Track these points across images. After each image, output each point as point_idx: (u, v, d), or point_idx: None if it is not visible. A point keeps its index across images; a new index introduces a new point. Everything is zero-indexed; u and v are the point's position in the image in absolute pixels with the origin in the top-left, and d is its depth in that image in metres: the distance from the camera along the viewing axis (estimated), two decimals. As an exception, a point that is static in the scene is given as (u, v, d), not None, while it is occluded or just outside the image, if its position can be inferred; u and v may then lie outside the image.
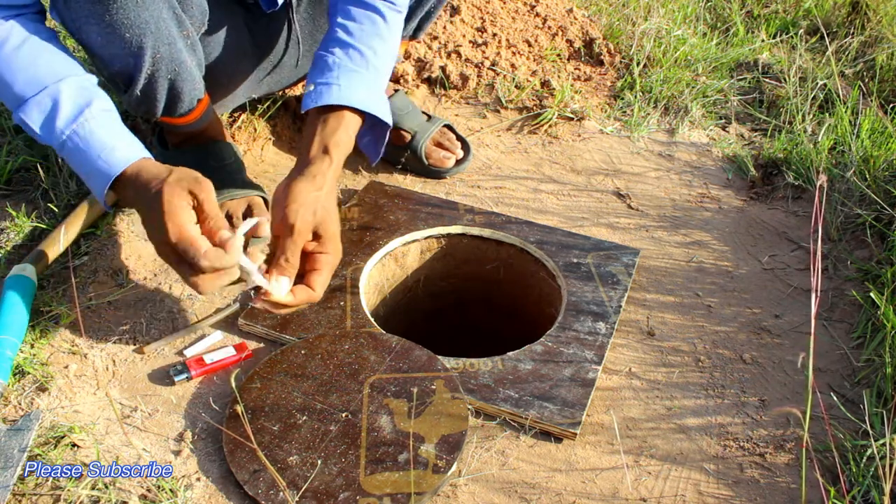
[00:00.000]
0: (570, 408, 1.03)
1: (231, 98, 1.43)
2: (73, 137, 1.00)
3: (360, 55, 1.15)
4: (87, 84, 1.04)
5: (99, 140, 0.99)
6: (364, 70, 1.15)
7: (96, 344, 1.10)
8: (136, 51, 1.07)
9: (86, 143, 0.99)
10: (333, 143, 1.08)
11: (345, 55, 1.15)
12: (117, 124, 1.03)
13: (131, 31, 1.04)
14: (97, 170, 0.99)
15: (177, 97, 1.18)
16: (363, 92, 1.13)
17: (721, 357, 1.16)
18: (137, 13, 1.03)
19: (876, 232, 1.36)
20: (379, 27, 1.18)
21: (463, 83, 1.79)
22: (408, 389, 1.03)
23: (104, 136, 1.00)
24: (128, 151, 1.00)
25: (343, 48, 1.16)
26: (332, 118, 1.11)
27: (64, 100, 1.00)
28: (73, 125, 0.99)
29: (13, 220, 1.30)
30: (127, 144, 1.01)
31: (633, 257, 1.31)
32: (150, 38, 1.06)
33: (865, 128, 1.54)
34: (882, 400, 1.07)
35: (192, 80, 1.18)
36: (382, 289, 1.38)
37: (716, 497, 0.96)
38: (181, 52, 1.12)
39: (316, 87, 1.13)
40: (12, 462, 0.89)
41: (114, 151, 0.99)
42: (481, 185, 1.52)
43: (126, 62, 1.09)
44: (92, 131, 0.99)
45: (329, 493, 0.90)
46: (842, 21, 2.21)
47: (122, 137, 1.02)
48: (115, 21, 1.03)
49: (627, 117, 1.74)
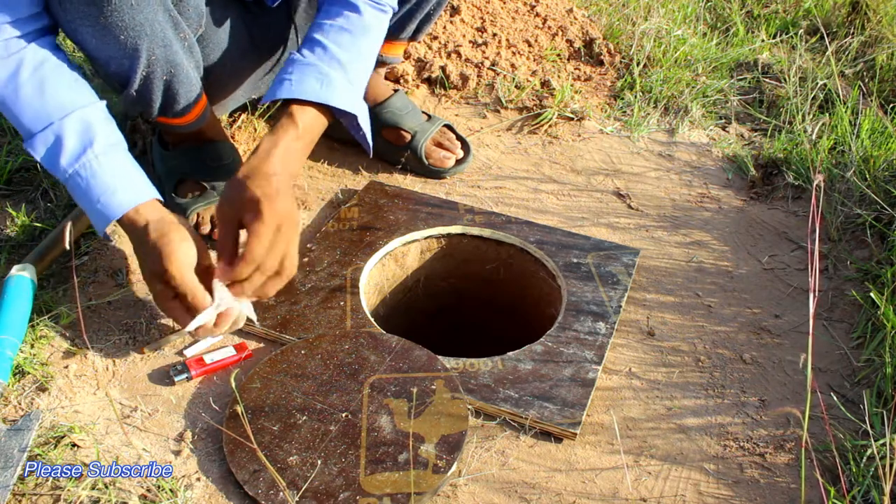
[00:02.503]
0: (570, 408, 1.03)
1: (231, 98, 1.43)
2: (75, 177, 1.03)
3: (325, 50, 1.17)
4: (92, 118, 1.05)
5: (100, 182, 1.02)
6: (323, 64, 1.15)
7: (96, 344, 1.10)
8: (131, 53, 1.07)
9: (87, 183, 1.03)
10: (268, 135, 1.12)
11: (309, 52, 1.17)
12: (119, 162, 1.05)
13: (126, 33, 1.04)
14: (97, 211, 1.03)
15: (173, 98, 1.18)
16: (314, 84, 1.13)
17: (721, 357, 1.16)
18: (132, 16, 1.03)
19: (876, 232, 1.36)
20: (351, 22, 1.19)
21: (463, 83, 1.79)
22: (408, 389, 1.03)
23: (105, 177, 1.03)
24: (125, 196, 1.03)
25: (310, 45, 1.18)
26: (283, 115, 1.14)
27: (67, 138, 1.02)
28: (76, 165, 1.02)
29: (13, 220, 1.30)
30: (126, 187, 1.04)
31: (633, 257, 1.31)
32: (146, 41, 1.06)
33: (865, 128, 1.54)
34: (882, 400, 1.07)
35: (189, 81, 1.18)
36: (382, 289, 1.38)
37: (716, 497, 0.96)
38: (177, 53, 1.12)
39: (273, 83, 1.16)
40: (12, 462, 0.89)
41: (114, 195, 1.03)
42: (481, 185, 1.52)
43: (121, 64, 1.09)
44: (94, 173, 1.02)
45: (329, 493, 0.90)
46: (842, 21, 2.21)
47: (124, 177, 1.05)
48: (109, 23, 1.02)
49: (627, 117, 1.74)
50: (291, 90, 1.13)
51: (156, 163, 1.41)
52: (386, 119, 1.54)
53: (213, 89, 1.32)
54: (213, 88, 1.32)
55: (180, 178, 1.35)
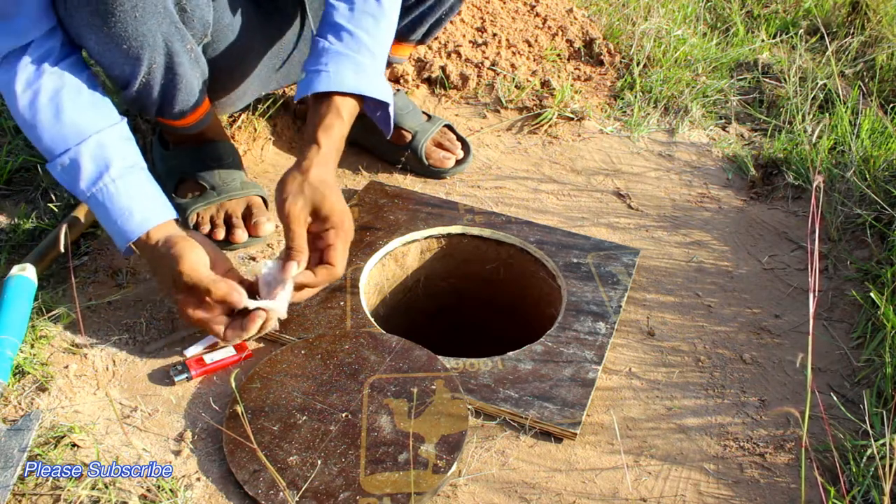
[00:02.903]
0: (570, 408, 1.03)
1: (241, 96, 1.42)
2: (93, 200, 1.06)
3: (352, 37, 1.16)
4: (109, 140, 1.07)
5: (116, 205, 1.05)
6: (355, 53, 1.15)
7: (96, 344, 1.10)
8: (132, 61, 1.08)
9: (104, 207, 1.06)
10: (322, 129, 1.12)
11: (336, 39, 1.16)
12: (136, 184, 1.08)
13: (129, 42, 1.05)
14: (116, 232, 1.07)
15: (170, 103, 1.19)
16: (352, 75, 1.14)
17: (721, 357, 1.16)
18: (135, 27, 1.04)
19: (876, 232, 1.36)
20: (371, 6, 1.18)
21: (463, 83, 1.79)
22: (408, 389, 1.03)
23: (122, 200, 1.06)
24: (140, 217, 1.06)
25: (335, 31, 1.17)
26: (323, 105, 1.14)
27: (84, 162, 1.05)
28: (94, 189, 1.05)
29: (13, 220, 1.30)
30: (141, 209, 1.06)
31: (633, 257, 1.31)
32: (147, 51, 1.08)
33: (865, 128, 1.54)
34: (882, 400, 1.07)
35: (189, 88, 1.18)
36: (382, 289, 1.38)
37: (716, 497, 0.96)
38: (180, 64, 1.13)
39: (307, 74, 1.15)
40: (12, 462, 0.89)
41: (130, 217, 1.05)
42: (481, 185, 1.52)
43: (122, 69, 1.10)
44: (110, 196, 1.05)
45: (329, 493, 0.90)
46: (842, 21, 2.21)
47: (140, 199, 1.07)
48: (113, 33, 1.04)
49: (627, 117, 1.74)
50: (331, 82, 1.13)
51: (156, 162, 1.41)
52: (386, 119, 1.54)
53: (224, 86, 1.32)
54: (223, 85, 1.32)
55: (180, 178, 1.35)
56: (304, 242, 1.07)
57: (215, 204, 1.32)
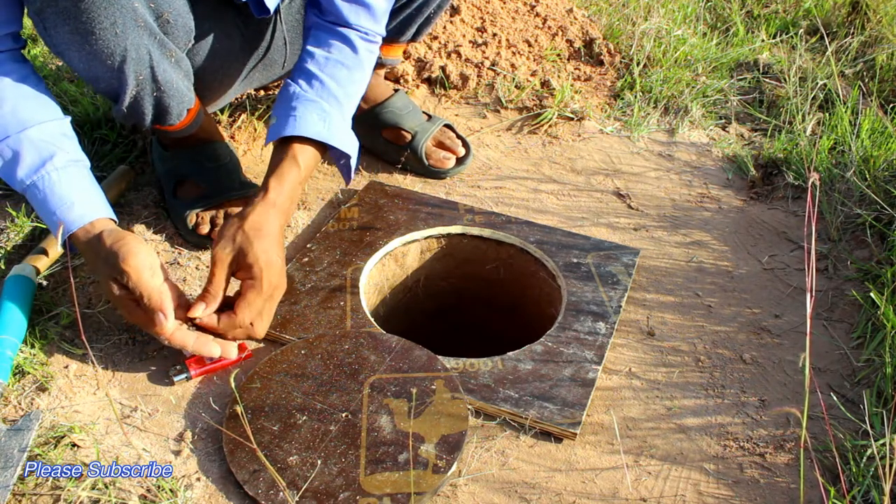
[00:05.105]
0: (570, 408, 1.03)
1: (224, 97, 1.42)
2: (32, 188, 1.04)
3: (322, 85, 1.19)
4: (51, 134, 1.06)
5: (57, 195, 1.04)
6: (323, 100, 1.19)
7: (96, 344, 1.10)
8: (118, 74, 1.08)
9: (44, 195, 1.04)
10: (275, 176, 1.14)
11: (307, 85, 1.19)
12: (79, 178, 1.06)
13: (112, 59, 1.05)
14: (53, 223, 1.04)
15: (164, 112, 1.19)
16: (317, 122, 1.17)
17: (721, 357, 1.16)
18: (116, 42, 1.03)
19: (876, 232, 1.36)
20: (346, 56, 1.22)
21: (463, 83, 1.79)
22: (408, 389, 1.03)
23: (63, 191, 1.04)
24: (82, 210, 1.04)
25: (306, 78, 1.20)
26: (281, 152, 1.16)
27: (26, 151, 1.03)
28: (34, 176, 1.04)
29: (13, 220, 1.30)
30: (84, 202, 1.05)
31: (633, 257, 1.31)
32: (132, 64, 1.07)
33: (865, 128, 1.54)
34: (882, 400, 1.07)
35: (179, 94, 1.18)
36: (382, 289, 1.38)
37: (716, 497, 0.96)
38: (166, 72, 1.13)
39: (277, 119, 1.18)
40: (12, 462, 0.89)
41: (71, 208, 1.04)
42: (481, 185, 1.52)
43: (109, 84, 1.10)
44: (52, 185, 1.04)
45: (329, 493, 0.90)
46: (842, 21, 2.21)
47: (83, 193, 1.05)
48: (94, 50, 1.03)
49: (627, 117, 1.74)
50: (296, 127, 1.15)
51: (155, 163, 1.41)
52: (386, 119, 1.54)
53: (207, 92, 1.32)
54: (206, 91, 1.31)
55: (179, 179, 1.35)
56: (219, 288, 1.06)
57: (214, 204, 1.32)
